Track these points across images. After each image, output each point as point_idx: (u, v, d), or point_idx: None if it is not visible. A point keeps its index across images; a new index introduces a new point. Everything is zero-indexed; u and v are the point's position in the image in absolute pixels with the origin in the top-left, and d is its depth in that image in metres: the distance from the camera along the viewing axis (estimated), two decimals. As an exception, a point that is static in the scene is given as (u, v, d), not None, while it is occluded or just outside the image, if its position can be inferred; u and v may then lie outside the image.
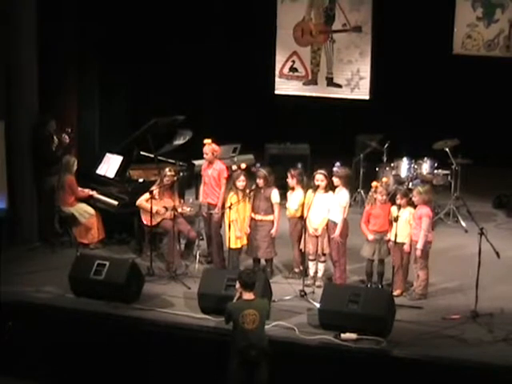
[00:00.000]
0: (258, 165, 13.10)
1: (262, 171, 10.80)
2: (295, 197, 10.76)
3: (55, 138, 12.08)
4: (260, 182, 10.69)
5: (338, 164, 11.37)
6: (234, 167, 11.35)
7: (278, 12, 16.54)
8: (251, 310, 8.17)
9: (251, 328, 8.13)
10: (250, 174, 11.14)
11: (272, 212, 10.66)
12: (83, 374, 9.69)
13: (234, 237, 10.57)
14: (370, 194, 10.50)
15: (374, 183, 10.53)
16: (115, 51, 14.45)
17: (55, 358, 9.75)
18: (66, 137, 12.18)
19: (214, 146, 11.20)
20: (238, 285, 8.38)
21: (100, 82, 14.23)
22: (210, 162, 11.22)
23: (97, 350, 9.59)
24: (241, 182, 10.62)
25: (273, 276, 10.78)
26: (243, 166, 11.13)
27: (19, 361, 9.83)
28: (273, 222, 10.66)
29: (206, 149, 11.17)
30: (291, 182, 10.83)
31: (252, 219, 10.70)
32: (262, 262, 10.94)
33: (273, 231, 10.64)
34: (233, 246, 10.59)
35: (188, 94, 15.93)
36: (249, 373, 8.21)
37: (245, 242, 10.74)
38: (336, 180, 10.45)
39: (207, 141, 11.18)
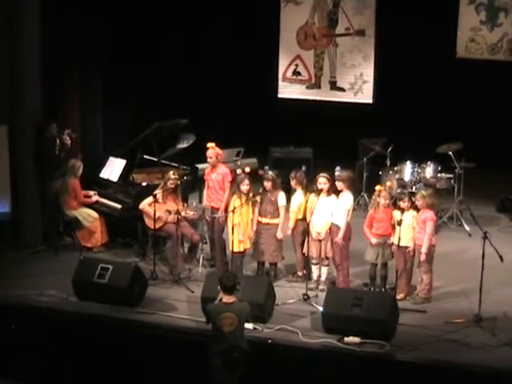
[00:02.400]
0: (266, 167, 13.09)
1: (270, 174, 10.79)
2: (295, 198, 10.76)
3: (58, 140, 12.09)
4: (268, 185, 10.67)
5: (338, 168, 11.35)
6: (239, 171, 11.32)
7: (281, 16, 16.55)
8: (229, 313, 8.24)
9: (229, 330, 8.21)
10: (256, 178, 11.12)
11: (279, 215, 10.66)
12: (86, 377, 9.69)
13: (237, 241, 10.56)
14: (374, 197, 10.49)
15: (378, 187, 10.52)
16: (118, 55, 14.46)
17: (58, 361, 9.75)
18: (67, 138, 12.15)
19: (217, 149, 11.20)
20: (219, 287, 8.43)
21: (103, 86, 14.24)
22: (214, 166, 11.21)
23: (100, 354, 9.59)
24: (245, 185, 10.62)
25: (276, 280, 10.77)
26: (247, 169, 11.11)
27: (22, 363, 9.83)
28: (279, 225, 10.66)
29: (209, 152, 11.17)
30: (292, 183, 10.84)
31: (259, 222, 10.70)
32: (267, 265, 10.93)
33: (278, 234, 10.64)
34: (236, 249, 10.58)
35: (191, 97, 15.95)
36: (230, 373, 8.28)
37: (248, 245, 10.73)
38: (340, 184, 10.42)
39: (211, 144, 11.18)
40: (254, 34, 16.13)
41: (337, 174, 10.74)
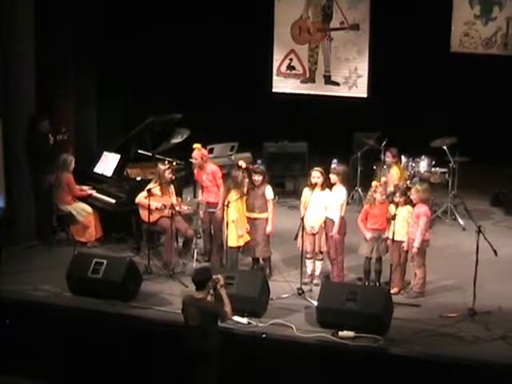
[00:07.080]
0: (259, 162, 13.05)
1: (261, 168, 10.76)
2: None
3: (50, 136, 12.07)
4: (259, 179, 10.62)
5: (335, 161, 11.31)
6: (243, 165, 11.05)
7: (275, 10, 16.55)
8: (193, 308, 8.23)
9: (193, 325, 8.23)
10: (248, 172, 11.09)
11: (267, 209, 10.63)
12: (80, 372, 9.70)
13: (236, 235, 10.50)
14: (370, 193, 10.47)
15: (374, 183, 10.52)
16: (113, 49, 14.43)
17: (53, 356, 9.75)
18: (60, 136, 12.17)
19: (203, 150, 11.15)
20: None
21: (98, 80, 14.20)
22: (200, 167, 11.14)
23: (94, 349, 9.59)
24: (246, 183, 10.58)
25: (272, 275, 10.75)
26: (244, 164, 10.95)
27: (16, 359, 9.83)
28: (268, 219, 10.62)
29: (194, 154, 11.08)
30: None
31: (248, 218, 10.65)
32: (261, 260, 10.92)
33: (268, 229, 10.59)
34: (233, 244, 10.53)
35: (186, 92, 15.93)
36: (196, 366, 8.28)
37: (248, 238, 10.64)
38: (333, 177, 10.40)
39: (197, 145, 11.08)
40: (248, 29, 16.12)
41: (333, 166, 10.72)
